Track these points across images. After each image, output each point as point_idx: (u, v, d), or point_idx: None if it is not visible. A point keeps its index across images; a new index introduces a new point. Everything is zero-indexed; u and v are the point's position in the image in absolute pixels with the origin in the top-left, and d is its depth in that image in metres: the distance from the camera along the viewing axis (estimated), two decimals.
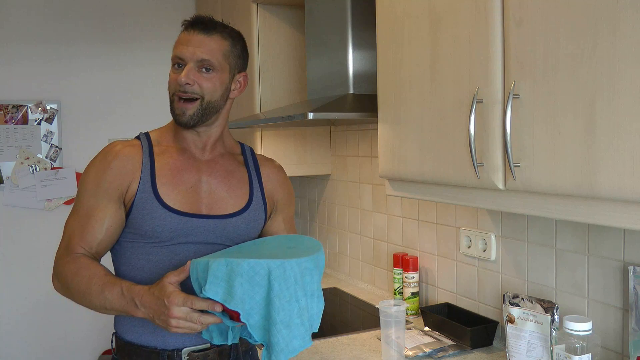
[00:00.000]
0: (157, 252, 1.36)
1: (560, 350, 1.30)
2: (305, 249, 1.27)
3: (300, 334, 1.17)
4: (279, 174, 1.56)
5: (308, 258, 1.20)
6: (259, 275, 1.15)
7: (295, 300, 1.17)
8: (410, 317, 2.06)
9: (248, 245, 1.35)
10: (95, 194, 1.36)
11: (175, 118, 1.39)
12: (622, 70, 0.96)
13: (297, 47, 2.60)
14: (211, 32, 1.38)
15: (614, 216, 1.02)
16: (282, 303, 1.15)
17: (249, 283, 1.15)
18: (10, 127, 3.04)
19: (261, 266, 1.15)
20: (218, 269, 1.15)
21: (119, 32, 3.23)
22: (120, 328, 1.42)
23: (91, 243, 1.35)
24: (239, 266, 1.14)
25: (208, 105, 1.38)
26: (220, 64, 1.38)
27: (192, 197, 1.38)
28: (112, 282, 1.28)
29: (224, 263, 1.15)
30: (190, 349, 1.37)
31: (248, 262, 1.15)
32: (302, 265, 1.19)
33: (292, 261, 1.17)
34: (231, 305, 1.14)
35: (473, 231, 1.87)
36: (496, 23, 1.21)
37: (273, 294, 1.15)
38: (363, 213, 2.52)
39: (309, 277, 1.20)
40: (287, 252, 1.26)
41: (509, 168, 1.18)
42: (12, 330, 3.06)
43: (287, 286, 1.15)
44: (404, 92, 1.51)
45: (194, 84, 1.35)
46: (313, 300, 1.22)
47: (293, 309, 1.16)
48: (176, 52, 1.37)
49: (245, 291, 1.14)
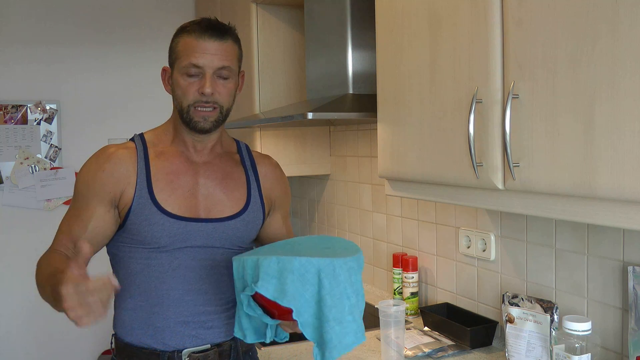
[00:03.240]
0: (156, 257, 1.36)
1: (559, 350, 1.30)
2: (342, 249, 1.28)
3: (353, 330, 1.18)
4: (275, 171, 1.55)
5: (353, 258, 1.21)
6: (309, 273, 1.15)
7: (347, 297, 1.17)
8: (409, 317, 2.06)
9: (281, 246, 1.34)
10: (85, 196, 1.35)
11: (194, 125, 1.35)
12: (621, 71, 0.96)
13: (297, 47, 2.60)
14: (226, 37, 1.35)
15: (613, 216, 1.02)
16: (333, 300, 1.16)
17: (300, 281, 1.15)
18: (9, 127, 3.04)
19: (312, 264, 1.16)
20: (269, 266, 1.16)
21: (118, 33, 3.22)
22: (119, 329, 1.41)
23: (75, 241, 1.33)
24: (291, 264, 1.15)
25: (226, 112, 1.38)
26: (235, 68, 1.38)
27: (190, 201, 1.38)
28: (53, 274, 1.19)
29: (275, 260, 1.16)
30: (190, 350, 1.37)
31: (299, 259, 1.15)
32: (348, 264, 1.19)
33: (340, 260, 1.18)
34: (284, 302, 1.14)
35: (472, 231, 1.87)
36: (496, 23, 1.21)
37: (324, 291, 1.15)
38: (362, 213, 2.52)
39: (355, 276, 1.21)
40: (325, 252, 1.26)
41: (508, 168, 1.18)
42: (12, 331, 3.06)
43: (338, 284, 1.16)
44: (404, 92, 1.51)
45: (215, 92, 1.33)
46: (359, 297, 1.23)
47: (344, 306, 1.17)
48: (191, 59, 1.32)
49: (296, 289, 1.15)
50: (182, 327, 1.37)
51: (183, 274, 1.36)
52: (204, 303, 1.37)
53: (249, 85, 2.56)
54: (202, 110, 1.34)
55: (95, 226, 1.34)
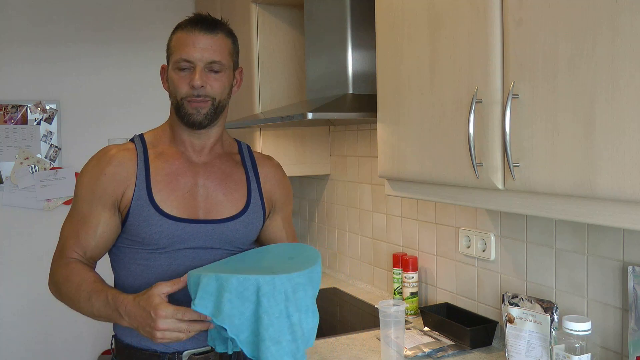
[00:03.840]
0: (156, 258, 1.36)
1: (559, 350, 1.30)
2: (304, 260, 1.26)
3: (292, 351, 1.16)
4: (277, 173, 1.55)
5: (300, 273, 1.18)
6: (248, 291, 1.14)
7: (286, 316, 1.16)
8: (409, 317, 2.06)
9: (251, 254, 1.34)
10: (89, 201, 1.35)
11: (187, 119, 1.36)
12: (621, 70, 0.96)
13: (297, 47, 2.60)
14: (216, 31, 1.35)
15: (613, 216, 1.02)
16: (271, 319, 1.14)
17: (239, 299, 1.14)
18: (9, 127, 3.04)
19: (250, 282, 1.14)
20: (208, 283, 1.15)
21: (118, 33, 3.23)
22: (119, 331, 1.41)
23: (85, 248, 1.35)
24: (228, 282, 1.14)
25: (219, 105, 1.38)
26: (227, 62, 1.37)
27: (189, 202, 1.37)
28: (99, 289, 1.27)
29: (214, 278, 1.15)
30: (191, 352, 1.36)
31: (237, 277, 1.14)
32: (293, 281, 1.17)
33: (282, 276, 1.16)
34: (218, 320, 1.14)
35: (472, 231, 1.87)
36: (495, 23, 1.21)
37: (262, 309, 1.14)
38: (362, 213, 2.52)
39: (302, 292, 1.19)
40: (286, 263, 1.25)
41: (508, 168, 1.18)
42: (12, 330, 3.05)
43: (277, 302, 1.14)
44: (404, 92, 1.51)
45: (206, 85, 1.33)
46: (308, 315, 1.20)
47: (283, 325, 1.15)
48: (182, 54, 1.33)
49: (234, 307, 1.14)
50: None
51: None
52: None
53: (249, 85, 2.56)
54: (194, 102, 1.34)
55: (104, 231, 1.35)
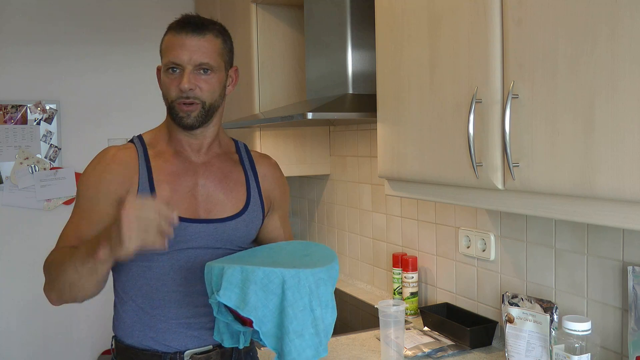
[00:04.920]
0: (157, 258, 1.35)
1: (559, 350, 1.30)
2: (320, 257, 1.26)
3: (314, 344, 1.16)
4: (275, 171, 1.55)
5: (322, 269, 1.19)
6: (273, 284, 1.15)
7: (310, 310, 1.16)
8: (409, 317, 2.06)
9: (263, 250, 1.34)
10: (93, 198, 1.34)
11: (179, 121, 1.36)
12: (621, 70, 0.96)
13: (296, 47, 2.60)
14: (204, 32, 1.35)
15: (613, 216, 1.02)
16: (295, 312, 1.15)
17: (263, 291, 1.14)
18: (9, 127, 3.04)
19: (275, 275, 1.15)
20: (233, 275, 1.15)
21: (118, 33, 3.22)
22: (120, 332, 1.41)
23: (83, 238, 1.32)
24: (254, 274, 1.14)
25: (210, 107, 1.37)
26: (218, 63, 1.37)
27: (190, 202, 1.37)
28: (80, 245, 1.27)
29: (239, 270, 1.15)
30: (192, 351, 1.36)
31: (263, 270, 1.14)
32: (316, 276, 1.18)
33: (307, 271, 1.16)
34: (244, 312, 1.14)
35: (472, 231, 1.87)
36: (495, 23, 1.21)
37: (287, 302, 1.14)
38: (362, 213, 2.52)
39: (323, 287, 1.19)
40: (303, 260, 1.25)
41: (508, 168, 1.18)
42: (12, 330, 3.05)
43: (301, 295, 1.15)
44: (403, 92, 1.51)
45: (195, 88, 1.33)
46: (328, 310, 1.21)
47: (307, 319, 1.16)
48: (170, 57, 1.33)
49: (259, 299, 1.14)
50: (184, 328, 1.36)
51: (184, 276, 1.36)
52: (205, 304, 1.37)
53: (249, 85, 2.56)
54: (184, 106, 1.34)
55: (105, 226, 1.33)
